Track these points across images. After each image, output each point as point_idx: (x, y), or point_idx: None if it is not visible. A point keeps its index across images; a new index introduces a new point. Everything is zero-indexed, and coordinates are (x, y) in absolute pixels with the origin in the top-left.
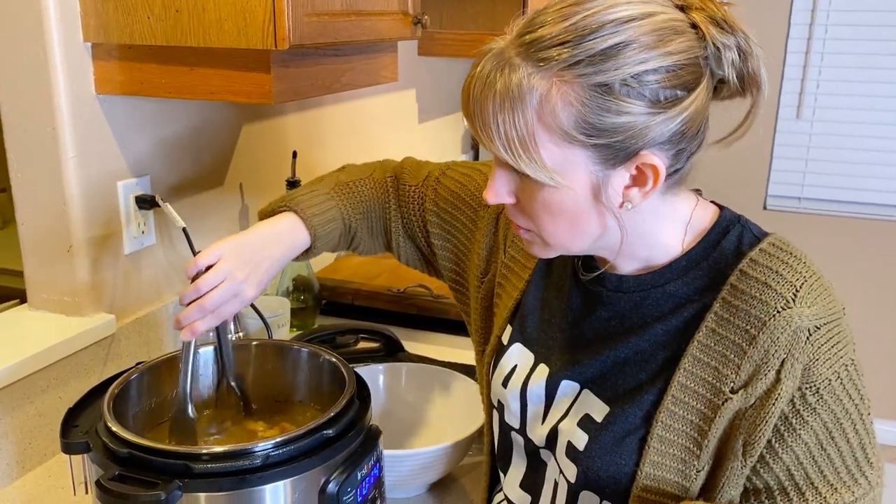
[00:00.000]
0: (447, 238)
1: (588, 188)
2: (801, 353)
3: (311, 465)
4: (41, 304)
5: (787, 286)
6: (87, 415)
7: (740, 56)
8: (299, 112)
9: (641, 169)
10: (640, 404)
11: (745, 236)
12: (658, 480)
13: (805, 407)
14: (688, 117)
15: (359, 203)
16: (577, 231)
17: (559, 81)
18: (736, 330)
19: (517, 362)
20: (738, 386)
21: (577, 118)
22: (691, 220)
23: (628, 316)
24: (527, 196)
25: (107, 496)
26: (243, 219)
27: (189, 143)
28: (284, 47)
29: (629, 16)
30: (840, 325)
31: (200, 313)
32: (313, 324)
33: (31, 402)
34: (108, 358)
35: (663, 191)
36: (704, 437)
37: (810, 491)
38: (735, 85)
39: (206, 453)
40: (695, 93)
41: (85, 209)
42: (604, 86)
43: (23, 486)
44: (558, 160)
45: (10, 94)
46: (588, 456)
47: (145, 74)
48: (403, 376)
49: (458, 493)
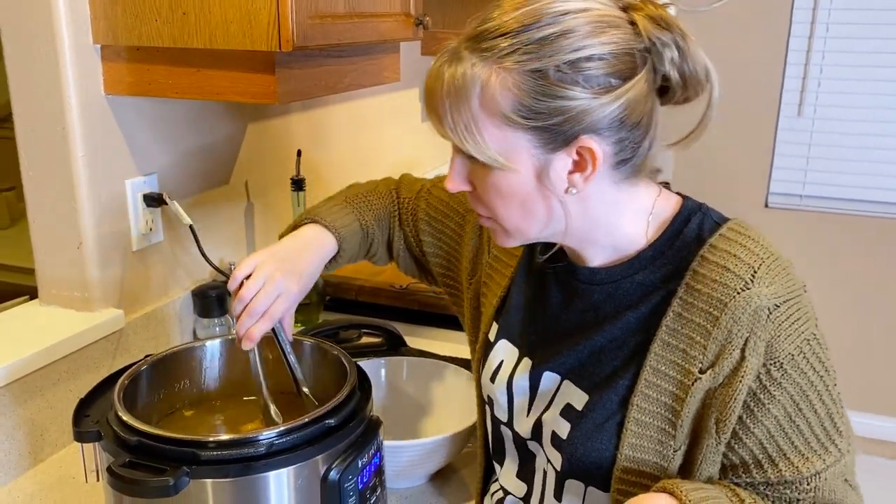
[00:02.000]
0: (438, 245)
1: (532, 171)
2: (762, 330)
3: (313, 453)
4: (52, 300)
5: (745, 268)
6: (98, 405)
7: (679, 53)
8: (304, 111)
9: (581, 153)
10: (616, 390)
11: (706, 223)
12: (637, 462)
13: (771, 382)
14: (623, 105)
15: (372, 212)
16: (528, 215)
17: (498, 69)
18: (700, 313)
19: (503, 358)
20: (706, 366)
21: (514, 102)
22: (654, 211)
23: (602, 307)
24: (480, 181)
25: (118, 482)
26: (249, 216)
27: (196, 142)
28: (288, 49)
29: (566, 9)
30: (800, 302)
31: (252, 319)
32: (317, 319)
33: (43, 394)
34: (117, 352)
35: (617, 180)
36: (678, 417)
37: (783, 461)
38: (678, 83)
39: (213, 441)
40: (630, 82)
41: (94, 207)
42: (539, 71)
43: (35, 477)
44: (501, 143)
45: (22, 95)
46: (571, 443)
47: (153, 75)
48: (404, 370)
49: (457, 484)
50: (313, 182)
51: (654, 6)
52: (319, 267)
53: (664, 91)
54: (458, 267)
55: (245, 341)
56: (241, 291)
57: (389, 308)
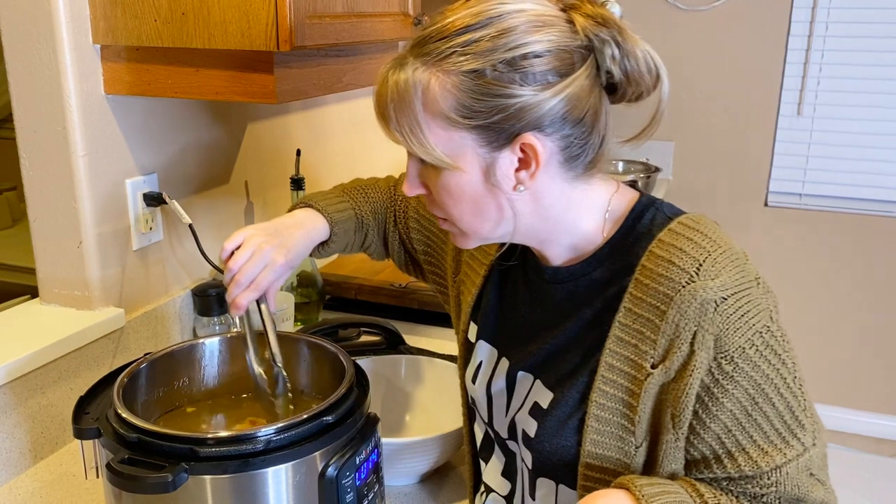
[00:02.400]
0: (426, 243)
1: (479, 171)
2: (710, 324)
3: (311, 449)
4: (52, 299)
5: (691, 261)
6: (98, 403)
7: (619, 50)
8: (303, 111)
9: (525, 151)
10: (576, 387)
11: (658, 218)
12: (600, 458)
13: (723, 376)
14: (563, 101)
15: (368, 203)
16: (480, 214)
17: (438, 71)
18: (648, 307)
19: (483, 358)
20: (657, 361)
21: (455, 103)
22: (610, 207)
23: (563, 305)
24: (432, 183)
25: (117, 478)
26: (248, 215)
27: (195, 142)
28: (287, 49)
29: (503, 11)
30: (750, 294)
31: (239, 288)
32: (317, 318)
33: (43, 392)
34: (118, 350)
35: (570, 178)
36: (635, 412)
37: (742, 455)
38: (621, 80)
39: (212, 438)
40: (569, 79)
41: (94, 206)
42: (476, 71)
43: (35, 474)
44: (447, 144)
45: (23, 95)
46: (538, 441)
47: (153, 75)
48: (403, 368)
49: (454, 481)
50: (313, 181)
51: (592, 5)
52: (308, 246)
53: (614, 89)
54: (443, 265)
55: (232, 309)
56: (229, 262)
57: (389, 307)
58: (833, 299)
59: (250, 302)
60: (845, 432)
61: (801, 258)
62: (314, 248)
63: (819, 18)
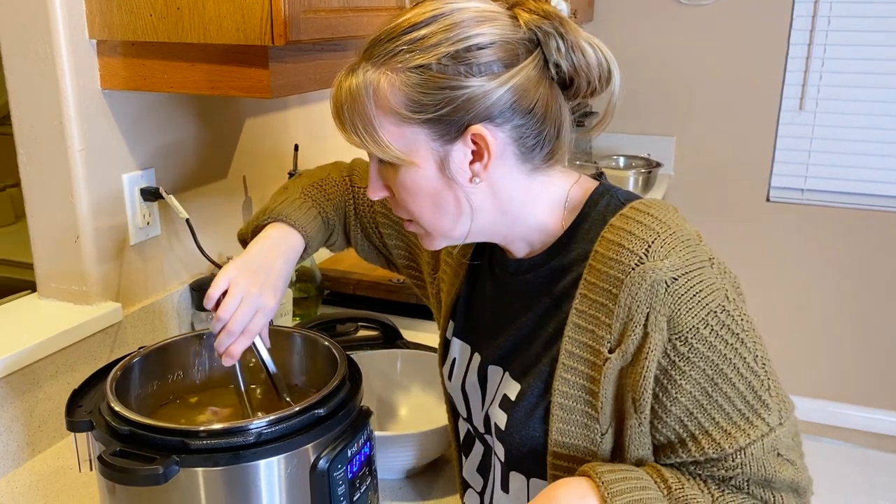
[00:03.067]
0: (399, 238)
1: (434, 165)
2: (661, 304)
3: (302, 442)
4: (50, 293)
5: (639, 243)
6: (91, 396)
7: (564, 43)
8: (301, 106)
9: (476, 143)
10: (540, 376)
11: (612, 204)
12: (567, 447)
13: (679, 357)
14: (510, 91)
15: (330, 202)
16: (439, 211)
17: (387, 70)
18: (602, 292)
19: (457, 355)
20: (614, 345)
21: (404, 99)
22: (568, 199)
23: (526, 295)
24: (392, 183)
25: (108, 470)
26: (246, 211)
27: (193, 137)
28: (282, 43)
29: (446, 10)
30: (702, 274)
31: (230, 338)
32: (315, 313)
33: (41, 386)
34: (115, 345)
35: (527, 170)
36: (597, 399)
37: (705, 438)
38: (570, 72)
39: (203, 430)
40: (514, 69)
41: (91, 201)
42: (421, 67)
43: (33, 468)
44: (401, 140)
45: (19, 90)
46: (508, 433)
47: (149, 70)
48: (399, 363)
49: (449, 475)
50: None
51: (535, 1)
52: (291, 270)
53: (569, 84)
54: (419, 261)
55: (226, 358)
56: (218, 312)
57: (387, 302)
58: (835, 295)
59: (244, 349)
60: (846, 428)
61: (802, 254)
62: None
63: (821, 12)
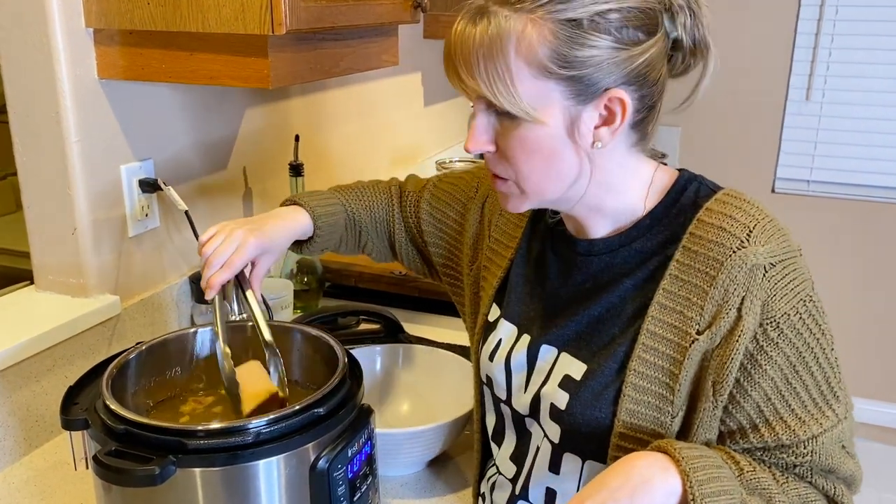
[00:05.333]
0: (439, 234)
1: (562, 124)
2: (758, 289)
3: (301, 441)
4: (48, 286)
5: (741, 227)
6: (88, 393)
7: (692, 17)
8: (302, 96)
9: (609, 107)
10: (614, 357)
11: (702, 190)
12: (634, 429)
13: (767, 342)
14: (648, 60)
15: (361, 199)
16: (551, 171)
17: (533, 19)
18: (697, 273)
19: (502, 336)
20: (703, 327)
21: (550, 51)
22: (653, 182)
23: (600, 276)
24: (506, 137)
25: (104, 470)
26: (246, 202)
27: (192, 127)
28: (281, 32)
29: None
30: (795, 262)
31: (211, 270)
32: (316, 306)
33: (38, 381)
34: (113, 338)
35: (630, 144)
36: (676, 381)
37: (780, 424)
38: (688, 47)
39: (201, 430)
40: (654, 38)
41: (89, 192)
42: (573, 21)
43: (30, 463)
44: (534, 94)
45: (15, 80)
46: (570, 413)
47: (146, 59)
48: (401, 357)
49: (453, 471)
50: (312, 167)
51: None
52: (287, 237)
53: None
54: (458, 255)
55: (207, 290)
56: (203, 247)
57: (389, 294)
58: (840, 286)
59: (223, 282)
60: None
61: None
62: (303, 246)
63: (829, 2)
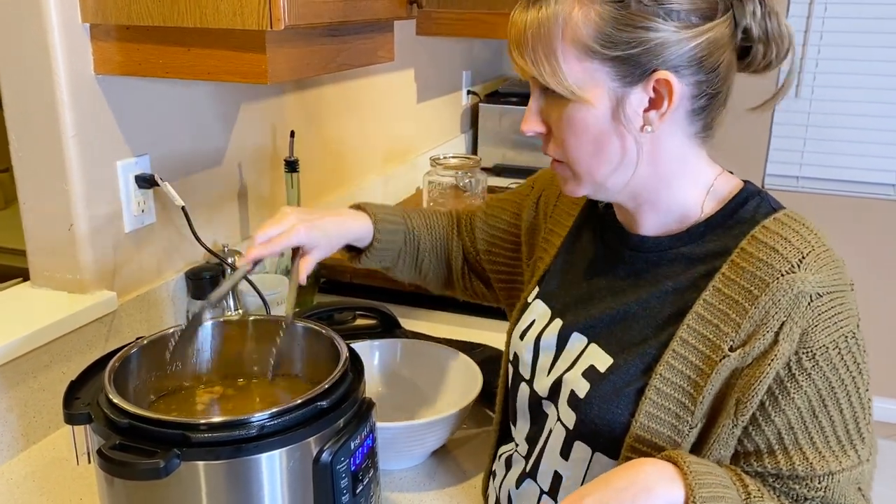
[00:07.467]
0: (493, 242)
1: (608, 106)
2: (800, 317)
3: (305, 435)
4: (44, 282)
5: (794, 252)
6: (89, 387)
7: (762, 8)
8: (298, 92)
9: (658, 90)
10: (642, 357)
11: (763, 207)
12: (651, 433)
13: (800, 371)
14: (702, 45)
15: (424, 219)
16: (600, 154)
17: (582, 1)
18: (740, 290)
19: (535, 317)
20: (737, 344)
21: (596, 32)
22: (714, 187)
23: (643, 274)
24: (555, 117)
25: (108, 464)
26: (242, 198)
27: (188, 123)
28: (280, 28)
29: None
30: (845, 297)
31: (253, 244)
32: (312, 301)
33: (35, 377)
34: (110, 334)
35: (690, 133)
36: (700, 392)
37: (798, 455)
38: (760, 38)
39: (204, 423)
40: (710, 23)
41: (85, 188)
42: (620, 2)
43: (28, 458)
44: (580, 75)
45: (11, 75)
46: (588, 403)
47: (143, 55)
48: (398, 352)
49: (450, 465)
50: (307, 163)
51: None
52: (341, 234)
53: (745, 54)
54: (516, 260)
55: (242, 260)
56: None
57: (384, 290)
58: None
59: (257, 258)
60: None
61: None
62: (362, 255)
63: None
